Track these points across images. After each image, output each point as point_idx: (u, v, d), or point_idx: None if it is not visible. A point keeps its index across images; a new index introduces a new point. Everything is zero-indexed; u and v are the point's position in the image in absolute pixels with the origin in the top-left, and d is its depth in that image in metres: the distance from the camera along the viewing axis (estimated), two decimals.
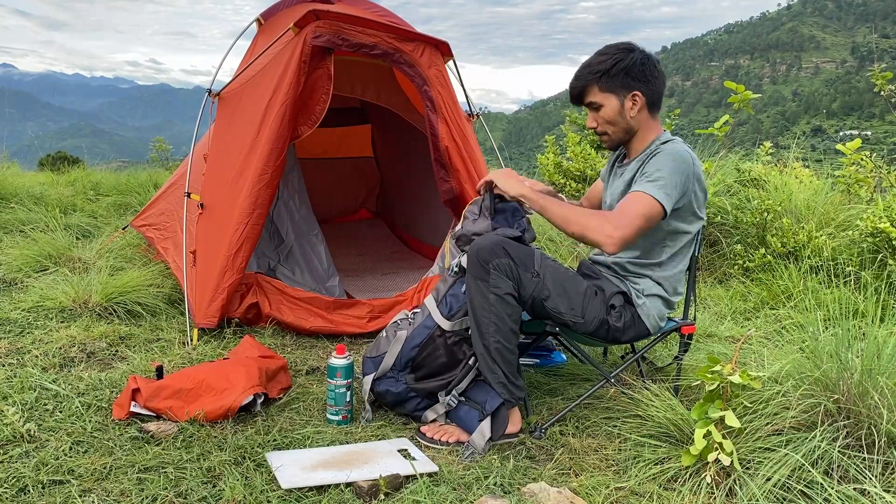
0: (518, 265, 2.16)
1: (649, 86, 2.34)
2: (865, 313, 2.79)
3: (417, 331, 2.37)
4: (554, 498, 1.84)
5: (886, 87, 5.09)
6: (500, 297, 2.14)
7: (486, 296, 2.14)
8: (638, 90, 2.33)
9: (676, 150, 2.28)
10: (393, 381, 2.37)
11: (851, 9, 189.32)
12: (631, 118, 2.36)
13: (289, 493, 1.86)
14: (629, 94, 2.33)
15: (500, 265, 2.14)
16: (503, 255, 2.14)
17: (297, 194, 3.76)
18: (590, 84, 2.35)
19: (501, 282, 2.14)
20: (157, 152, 9.38)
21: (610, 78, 2.31)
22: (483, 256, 2.14)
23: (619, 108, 2.35)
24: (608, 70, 2.31)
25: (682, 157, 2.27)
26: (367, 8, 3.88)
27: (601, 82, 2.33)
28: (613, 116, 2.36)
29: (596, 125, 2.41)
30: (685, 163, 2.26)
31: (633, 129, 2.39)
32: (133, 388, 2.27)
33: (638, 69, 2.31)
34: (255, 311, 3.24)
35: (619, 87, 2.32)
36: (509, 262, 2.15)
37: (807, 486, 1.85)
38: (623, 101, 2.34)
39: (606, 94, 2.34)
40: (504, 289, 2.14)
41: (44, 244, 4.04)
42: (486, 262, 2.14)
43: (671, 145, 2.32)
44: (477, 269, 2.15)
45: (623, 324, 2.34)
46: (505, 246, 2.16)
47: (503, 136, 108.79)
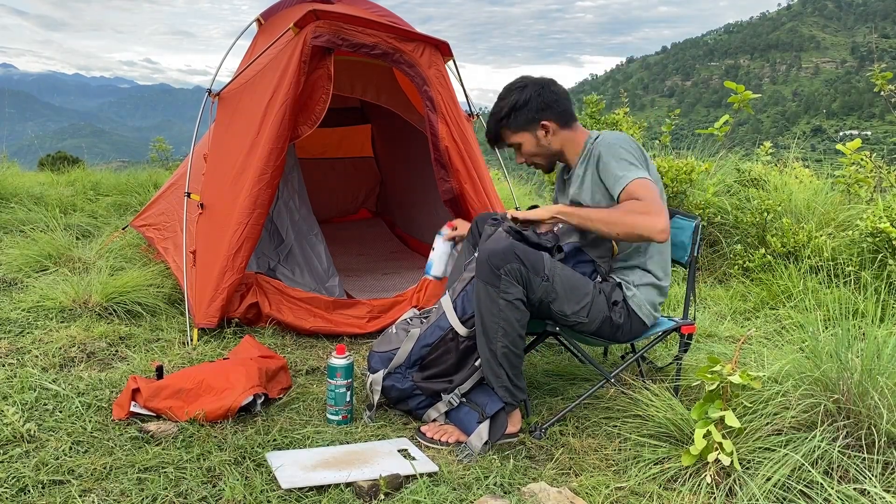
0: (529, 270, 2.15)
1: (553, 110, 2.42)
2: (865, 313, 2.80)
3: (430, 330, 2.37)
4: (554, 498, 1.84)
5: (886, 87, 5.10)
6: (509, 302, 2.13)
7: (496, 301, 2.13)
8: (544, 119, 2.42)
9: (611, 137, 2.37)
10: (400, 377, 2.38)
11: (851, 9, 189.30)
12: (550, 143, 2.46)
13: (289, 493, 1.86)
14: (538, 125, 2.43)
15: (511, 270, 2.13)
16: (514, 261, 2.13)
17: (297, 194, 3.76)
18: (501, 130, 2.48)
19: (512, 287, 2.13)
20: (157, 152, 9.38)
21: (514, 119, 2.43)
22: (494, 262, 2.13)
23: (535, 141, 2.46)
24: (509, 113, 2.43)
25: (619, 137, 2.36)
26: (367, 8, 3.88)
27: (509, 126, 2.45)
28: (534, 150, 2.48)
29: (524, 160, 2.53)
30: (622, 139, 2.35)
31: (558, 150, 2.48)
32: (133, 388, 2.27)
33: (535, 101, 2.40)
34: (255, 311, 3.24)
35: (526, 123, 2.43)
36: (520, 268, 2.14)
37: (807, 486, 1.85)
38: (536, 134, 2.44)
39: (518, 133, 2.45)
40: (514, 294, 2.13)
41: (44, 244, 4.04)
42: (497, 267, 2.12)
43: (604, 138, 2.39)
44: (487, 273, 2.14)
45: (622, 318, 2.36)
46: (516, 251, 2.15)
47: None
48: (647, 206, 2.18)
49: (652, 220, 2.16)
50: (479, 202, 3.50)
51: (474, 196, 3.50)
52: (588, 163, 2.40)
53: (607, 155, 2.31)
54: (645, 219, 2.17)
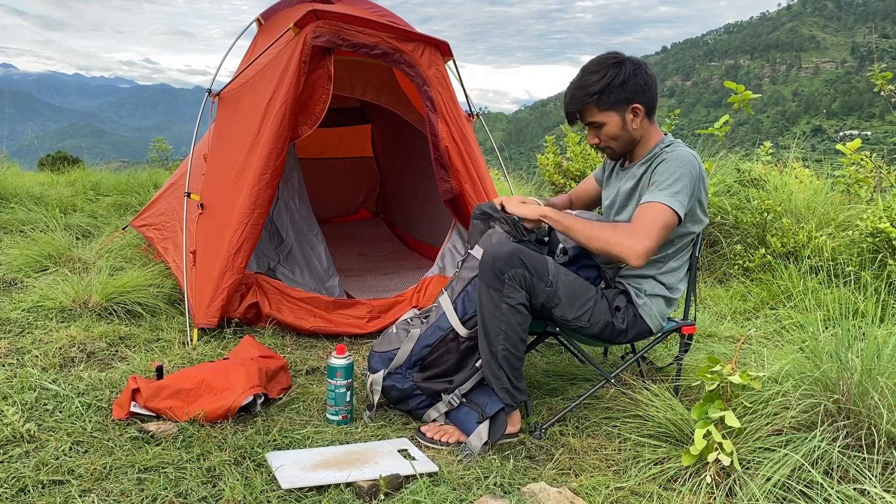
0: (533, 275, 2.14)
1: (646, 94, 2.32)
2: (865, 313, 2.79)
3: (430, 330, 2.37)
4: (554, 498, 1.84)
5: (886, 87, 5.09)
6: (512, 307, 2.12)
7: (499, 305, 2.13)
8: (637, 102, 2.31)
9: (683, 156, 2.28)
10: (400, 377, 2.38)
11: (851, 9, 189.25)
12: (634, 129, 2.35)
13: (289, 493, 1.86)
14: (629, 107, 2.31)
15: (515, 275, 2.11)
16: (519, 265, 2.12)
17: (297, 194, 3.76)
18: (587, 106, 2.31)
19: (515, 292, 2.12)
20: (157, 152, 9.38)
21: (607, 96, 2.28)
22: (499, 266, 2.12)
23: (622, 123, 2.33)
24: (604, 89, 2.27)
25: (690, 162, 2.27)
26: (367, 8, 3.88)
27: (599, 102, 2.29)
28: (617, 132, 2.34)
29: (598, 141, 2.39)
30: (693, 167, 2.27)
31: (637, 139, 2.38)
32: (133, 388, 2.27)
33: (632, 81, 2.27)
34: (255, 311, 3.24)
35: (618, 103, 2.29)
36: (524, 273, 2.13)
37: (807, 486, 1.85)
38: (624, 116, 2.32)
39: (606, 112, 2.31)
40: (517, 299, 2.12)
41: (44, 244, 4.04)
42: (501, 272, 2.11)
43: (677, 150, 2.32)
44: (491, 277, 2.13)
45: (626, 324, 2.35)
46: (521, 255, 2.14)
47: (503, 136, 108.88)
48: (634, 229, 2.17)
49: (631, 242, 2.14)
50: (478, 202, 3.50)
51: (474, 196, 3.50)
52: (649, 166, 2.34)
53: (665, 165, 2.26)
54: (624, 240, 2.15)
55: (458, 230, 3.73)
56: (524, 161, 18.95)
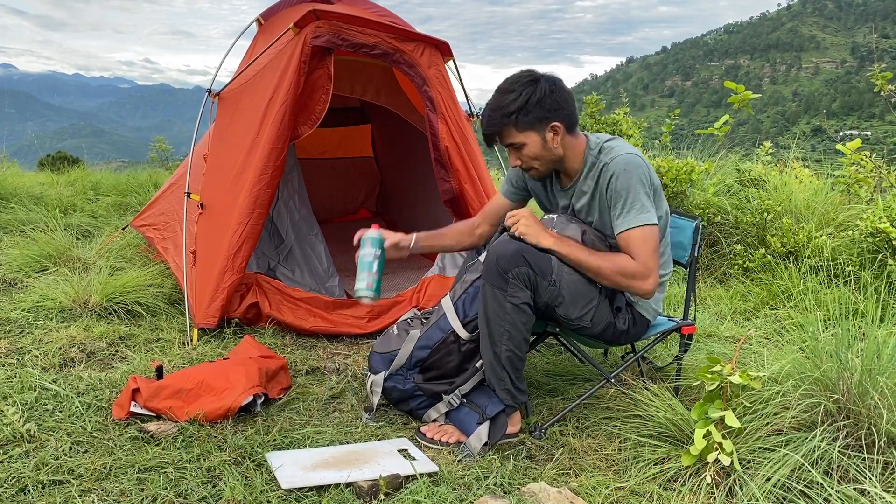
0: (537, 273, 2.14)
1: (564, 111, 2.24)
2: (865, 313, 2.79)
3: (431, 331, 2.36)
4: (554, 498, 1.84)
5: (886, 87, 5.09)
6: (516, 306, 2.12)
7: (503, 304, 2.12)
8: (555, 120, 2.23)
9: (627, 163, 2.22)
10: (401, 378, 2.37)
11: (851, 9, 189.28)
12: (555, 148, 2.27)
13: (289, 493, 1.86)
14: (548, 125, 2.23)
15: (519, 274, 2.11)
16: (523, 264, 2.12)
17: (297, 194, 3.76)
18: (506, 127, 2.23)
19: (519, 291, 2.12)
20: (157, 152, 9.39)
21: (525, 115, 2.20)
22: (503, 265, 2.11)
23: (542, 143, 2.25)
24: (521, 108, 2.19)
25: (636, 164, 2.22)
26: (367, 8, 3.88)
27: (517, 123, 2.21)
28: (538, 152, 2.27)
29: (520, 163, 2.32)
30: (640, 168, 2.23)
31: (559, 157, 2.30)
32: (133, 388, 2.27)
33: (549, 99, 2.20)
34: (255, 311, 3.24)
35: (536, 122, 2.22)
36: (528, 272, 2.12)
37: (807, 486, 1.85)
38: (544, 135, 2.25)
39: (525, 132, 2.23)
40: (521, 298, 2.12)
41: (44, 244, 4.04)
42: (505, 271, 2.11)
43: (616, 158, 2.24)
44: (495, 277, 2.12)
45: (627, 325, 2.35)
46: (525, 254, 2.13)
47: None
48: (637, 269, 2.18)
49: (640, 284, 2.20)
50: (479, 202, 3.50)
51: (474, 196, 3.50)
52: (598, 180, 2.27)
53: (621, 182, 2.20)
54: (633, 283, 2.20)
55: None
56: None
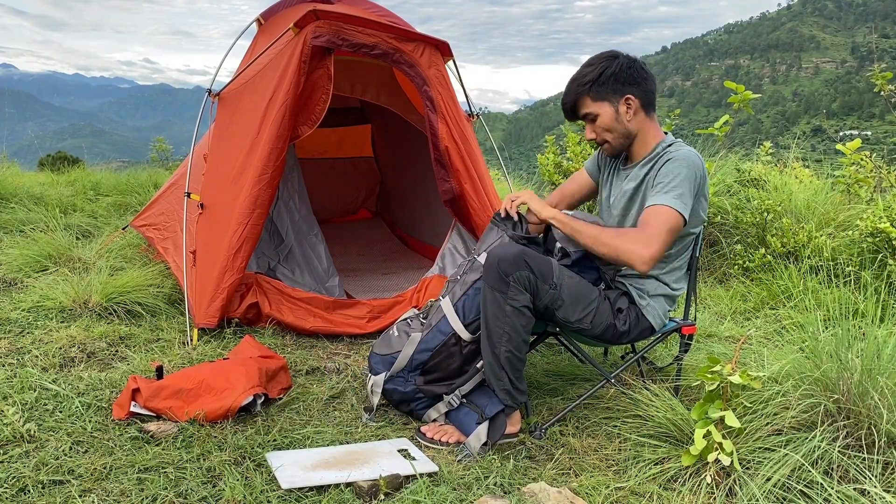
0: (538, 277, 2.14)
1: (640, 87, 2.33)
2: (865, 313, 2.79)
3: (431, 334, 2.36)
4: (554, 498, 1.84)
5: (886, 87, 5.09)
6: (516, 309, 2.13)
7: (503, 307, 2.13)
8: (630, 93, 2.32)
9: (687, 156, 2.28)
10: (402, 380, 2.37)
11: (851, 9, 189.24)
12: (628, 122, 2.35)
13: (289, 493, 1.86)
14: (622, 98, 2.32)
15: (520, 278, 2.12)
16: (524, 268, 2.13)
17: (297, 194, 3.76)
18: (581, 96, 2.36)
19: (520, 294, 2.12)
20: (157, 152, 9.38)
21: (599, 86, 2.31)
22: (504, 268, 2.12)
23: (615, 114, 2.34)
24: (596, 79, 2.31)
25: (693, 162, 2.28)
26: (367, 8, 3.88)
27: (591, 92, 2.33)
28: (610, 123, 2.35)
29: (595, 135, 2.41)
30: (696, 167, 2.28)
31: (633, 133, 2.38)
32: (133, 388, 2.27)
33: (626, 73, 2.31)
34: (255, 311, 3.24)
35: (610, 94, 2.32)
36: (529, 275, 2.13)
37: (807, 486, 1.85)
38: (617, 107, 2.33)
39: (599, 102, 2.34)
40: (522, 301, 2.13)
41: (44, 244, 4.04)
42: (506, 274, 2.12)
43: (680, 150, 2.31)
44: (496, 280, 2.13)
45: (629, 326, 2.35)
46: (526, 258, 2.14)
47: (503, 136, 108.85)
48: (642, 235, 2.18)
49: (639, 248, 2.16)
50: (479, 202, 3.50)
51: (474, 196, 3.50)
52: (652, 167, 2.34)
53: (669, 166, 2.26)
54: (632, 246, 2.17)
55: (458, 230, 3.73)
56: (524, 161, 18.96)
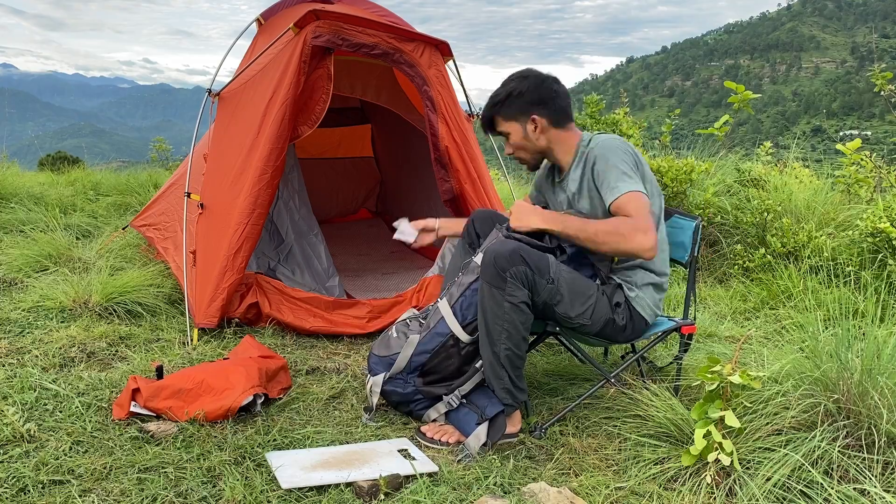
0: (535, 272, 2.15)
1: (548, 106, 2.40)
2: (865, 313, 2.79)
3: (429, 336, 2.36)
4: (554, 498, 1.84)
5: (886, 87, 5.09)
6: (514, 305, 2.12)
7: (501, 304, 2.13)
8: (535, 113, 2.40)
9: (607, 144, 2.34)
10: (401, 382, 2.37)
11: (851, 9, 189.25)
12: (536, 140, 2.44)
13: (289, 493, 1.86)
14: (528, 117, 2.41)
15: (517, 273, 2.12)
16: (521, 263, 2.13)
17: (297, 194, 3.76)
18: (493, 115, 2.47)
19: (517, 290, 2.12)
20: (157, 152, 9.38)
21: (507, 107, 2.42)
22: (501, 264, 2.12)
23: (523, 133, 2.44)
24: (504, 100, 2.42)
25: (616, 146, 2.33)
26: (366, 8, 3.88)
27: (501, 112, 2.44)
28: (520, 141, 2.46)
29: (511, 151, 2.52)
30: (621, 148, 2.32)
31: (544, 147, 2.47)
32: (133, 388, 2.27)
33: (532, 94, 2.39)
34: (255, 311, 3.24)
35: (517, 114, 2.42)
36: (526, 270, 2.13)
37: (807, 486, 1.85)
38: (525, 126, 2.43)
39: (509, 122, 2.45)
40: (519, 297, 2.13)
41: (44, 244, 4.04)
42: (503, 269, 2.12)
43: (598, 142, 2.37)
44: (493, 276, 2.13)
45: (625, 320, 2.35)
46: (523, 253, 2.14)
47: None
48: (635, 224, 2.18)
49: (640, 239, 2.17)
50: (479, 202, 3.50)
51: (474, 196, 3.50)
52: (584, 167, 2.39)
53: (602, 161, 2.30)
54: (632, 238, 2.17)
55: None
56: None
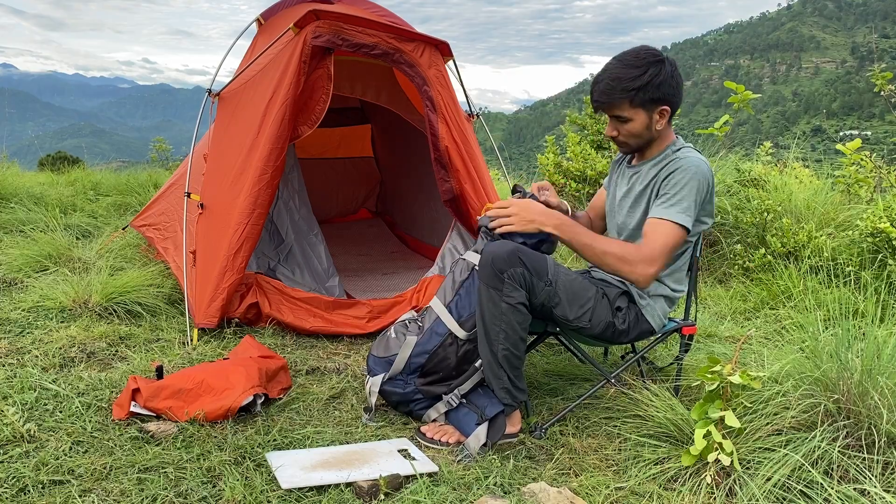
0: (532, 274, 2.14)
1: (676, 98, 2.30)
2: (865, 313, 2.79)
3: (426, 336, 2.36)
4: (554, 498, 1.84)
5: (886, 87, 5.09)
6: (512, 306, 2.12)
7: (498, 304, 2.13)
8: (666, 104, 2.28)
9: (696, 165, 2.26)
10: (401, 382, 2.37)
11: (851, 9, 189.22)
12: (656, 130, 2.32)
13: (289, 493, 1.86)
14: (658, 108, 2.28)
15: (514, 274, 2.11)
16: (518, 265, 2.12)
17: (297, 194, 3.76)
18: (622, 100, 2.25)
19: (515, 291, 2.12)
20: (157, 152, 9.38)
21: (643, 94, 2.23)
22: (498, 265, 2.12)
23: (648, 123, 2.30)
24: (643, 87, 2.22)
25: (702, 172, 2.27)
26: (367, 8, 3.88)
27: (633, 99, 2.24)
28: (640, 130, 2.31)
29: (617, 134, 2.35)
30: (704, 177, 2.27)
31: (654, 139, 2.37)
32: (133, 388, 2.27)
33: (668, 83, 2.24)
34: (255, 311, 3.24)
35: (650, 103, 2.26)
36: (524, 272, 2.13)
37: (807, 486, 1.85)
38: (652, 116, 2.29)
39: (636, 109, 2.26)
40: (517, 298, 2.12)
41: (44, 244, 4.04)
42: (501, 271, 2.11)
43: (689, 157, 2.29)
44: (491, 277, 2.13)
45: (628, 325, 2.34)
46: (520, 255, 2.14)
47: (503, 136, 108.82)
48: (645, 256, 2.17)
49: (641, 269, 2.16)
50: (479, 202, 3.50)
51: (474, 196, 3.50)
52: (661, 169, 2.32)
53: (676, 180, 2.24)
54: (634, 266, 2.17)
55: (459, 230, 3.73)
56: (524, 161, 18.93)
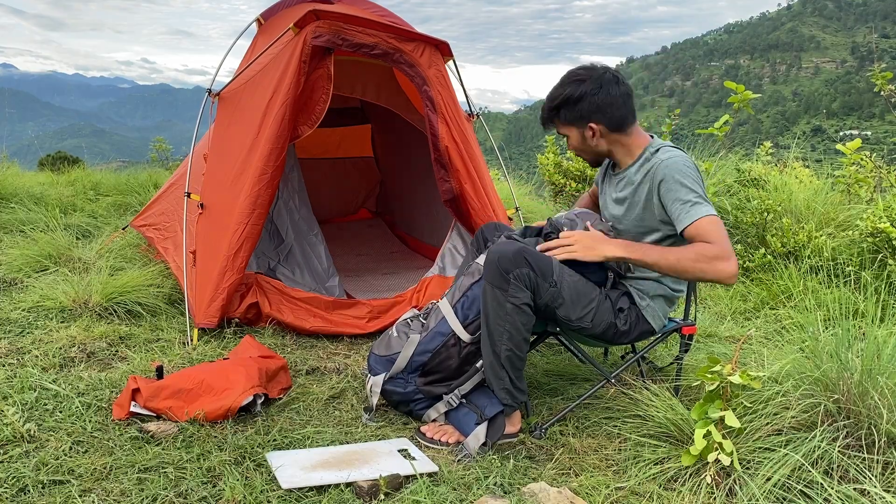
0: (538, 275, 2.15)
1: (605, 113, 2.32)
2: (865, 313, 2.79)
3: (430, 336, 2.36)
4: (554, 498, 1.84)
5: (886, 87, 5.09)
6: (517, 306, 2.13)
7: (503, 305, 2.13)
8: (592, 121, 2.33)
9: (677, 161, 2.25)
10: (402, 381, 2.37)
11: (851, 9, 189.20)
12: (595, 145, 2.39)
13: (289, 493, 1.86)
14: (586, 125, 2.35)
15: (520, 275, 2.12)
16: (524, 265, 2.13)
17: (297, 194, 3.76)
18: (552, 118, 2.42)
19: (520, 292, 2.12)
20: (157, 152, 9.37)
21: (564, 113, 2.36)
22: (504, 266, 2.12)
23: (581, 139, 2.39)
24: (561, 105, 2.36)
25: (688, 164, 2.26)
26: (366, 8, 3.88)
27: (560, 117, 2.39)
28: (578, 145, 2.43)
29: (571, 149, 2.49)
30: (692, 166, 2.27)
31: (605, 151, 2.41)
32: (133, 388, 2.27)
33: (588, 101, 2.31)
34: (255, 311, 3.24)
35: (575, 120, 2.36)
36: (529, 272, 2.13)
37: (807, 486, 1.86)
38: (583, 132, 2.37)
39: (567, 126, 2.40)
40: (522, 299, 2.13)
41: (44, 244, 4.04)
42: (507, 271, 2.12)
43: (670, 157, 2.28)
44: (496, 277, 2.13)
45: (629, 325, 2.35)
46: (526, 255, 2.14)
47: (503, 135, 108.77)
48: (719, 251, 2.13)
49: (721, 266, 2.12)
50: (478, 202, 3.50)
51: (474, 196, 3.50)
52: (647, 176, 2.31)
53: (672, 181, 2.22)
54: (717, 265, 2.12)
55: (458, 230, 3.73)
56: (524, 161, 18.93)
